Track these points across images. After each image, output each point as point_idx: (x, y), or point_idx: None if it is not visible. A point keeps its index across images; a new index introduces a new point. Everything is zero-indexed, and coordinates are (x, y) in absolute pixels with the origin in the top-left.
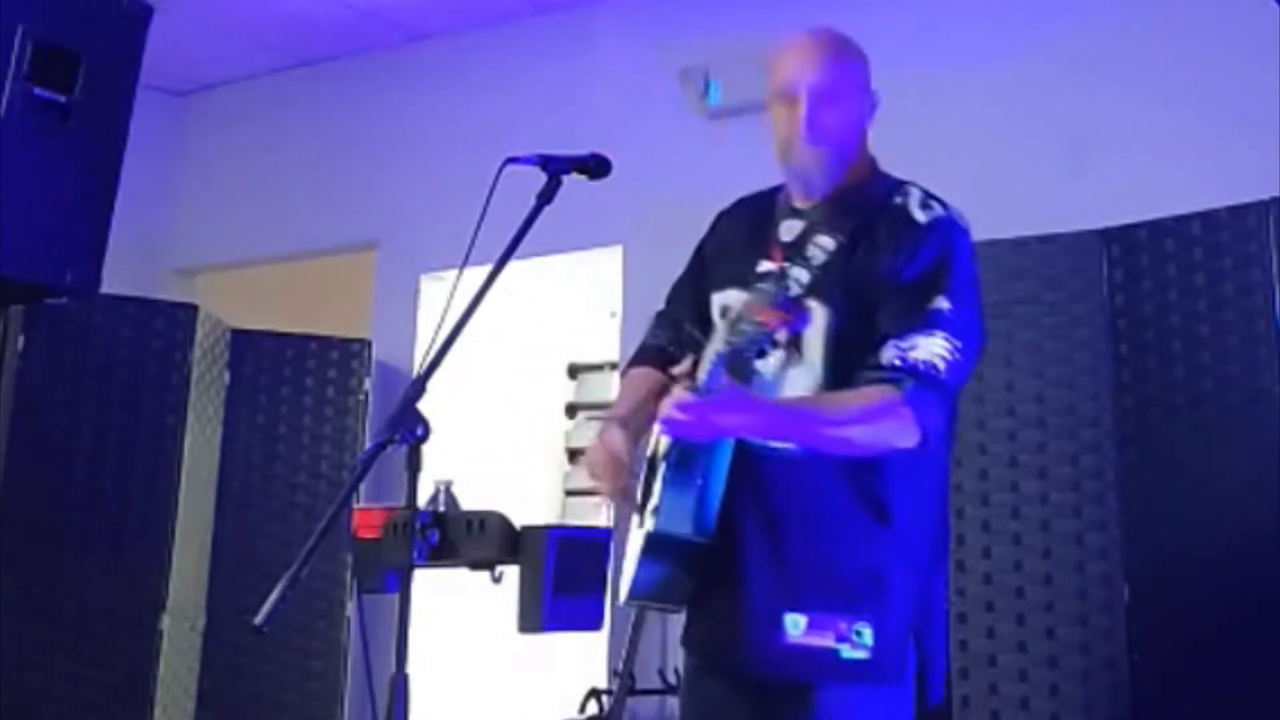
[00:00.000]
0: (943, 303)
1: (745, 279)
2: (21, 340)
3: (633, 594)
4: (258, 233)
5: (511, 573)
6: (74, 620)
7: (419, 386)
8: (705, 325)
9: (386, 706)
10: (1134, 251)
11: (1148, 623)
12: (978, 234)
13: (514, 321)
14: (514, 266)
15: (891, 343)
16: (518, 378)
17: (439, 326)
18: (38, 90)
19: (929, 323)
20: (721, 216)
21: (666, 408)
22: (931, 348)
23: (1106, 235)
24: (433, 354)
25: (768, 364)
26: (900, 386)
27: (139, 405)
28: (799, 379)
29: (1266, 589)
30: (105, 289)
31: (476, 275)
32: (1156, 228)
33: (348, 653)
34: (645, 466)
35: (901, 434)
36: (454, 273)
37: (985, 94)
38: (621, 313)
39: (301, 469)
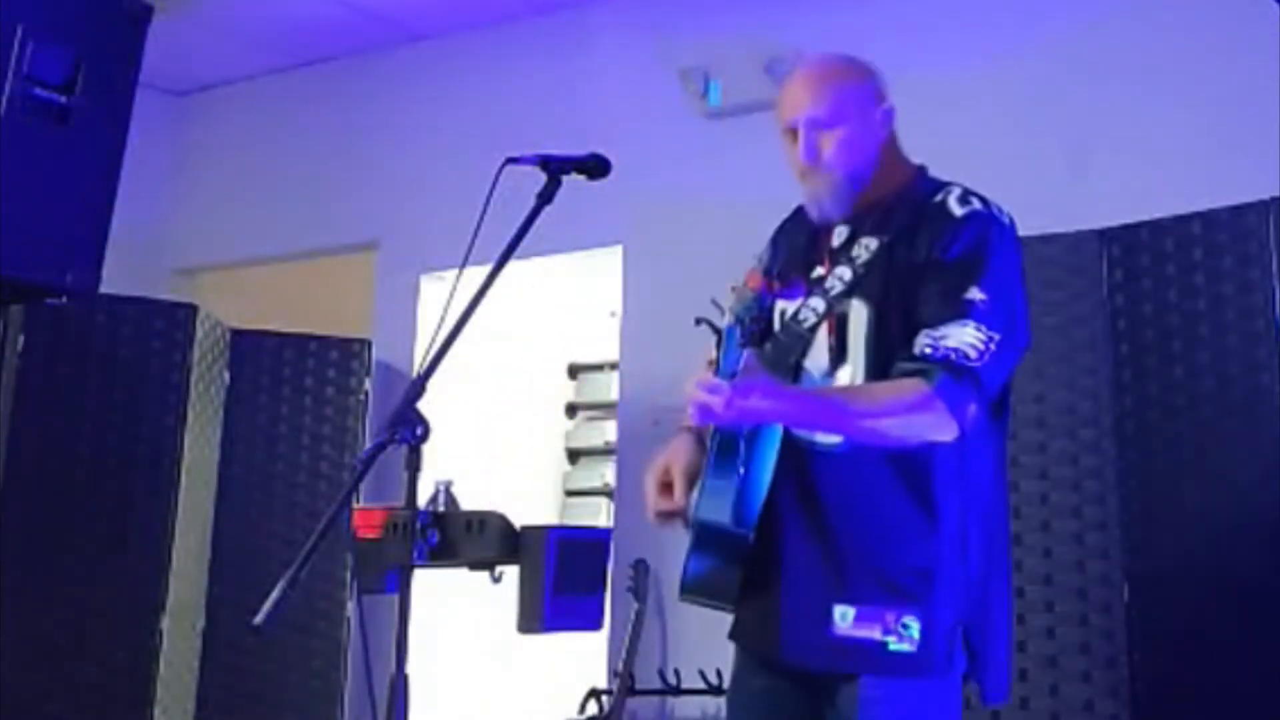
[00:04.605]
0: (976, 293)
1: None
2: (21, 340)
3: (682, 589)
4: (258, 233)
5: (511, 573)
6: (74, 620)
7: (419, 386)
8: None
9: (386, 706)
10: (1134, 251)
11: (1148, 623)
12: None
13: (514, 321)
14: (514, 266)
15: (924, 332)
16: (518, 378)
17: (439, 326)
18: (38, 90)
19: (961, 312)
20: (778, 232)
21: (691, 390)
22: (963, 337)
23: (1106, 235)
24: (433, 354)
25: (816, 363)
26: (930, 377)
27: (139, 405)
28: (844, 378)
29: (1267, 589)
30: (105, 289)
31: (476, 275)
32: (1156, 228)
33: (348, 653)
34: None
35: (934, 427)
36: (454, 273)
37: (985, 94)
38: (621, 313)
39: (301, 469)
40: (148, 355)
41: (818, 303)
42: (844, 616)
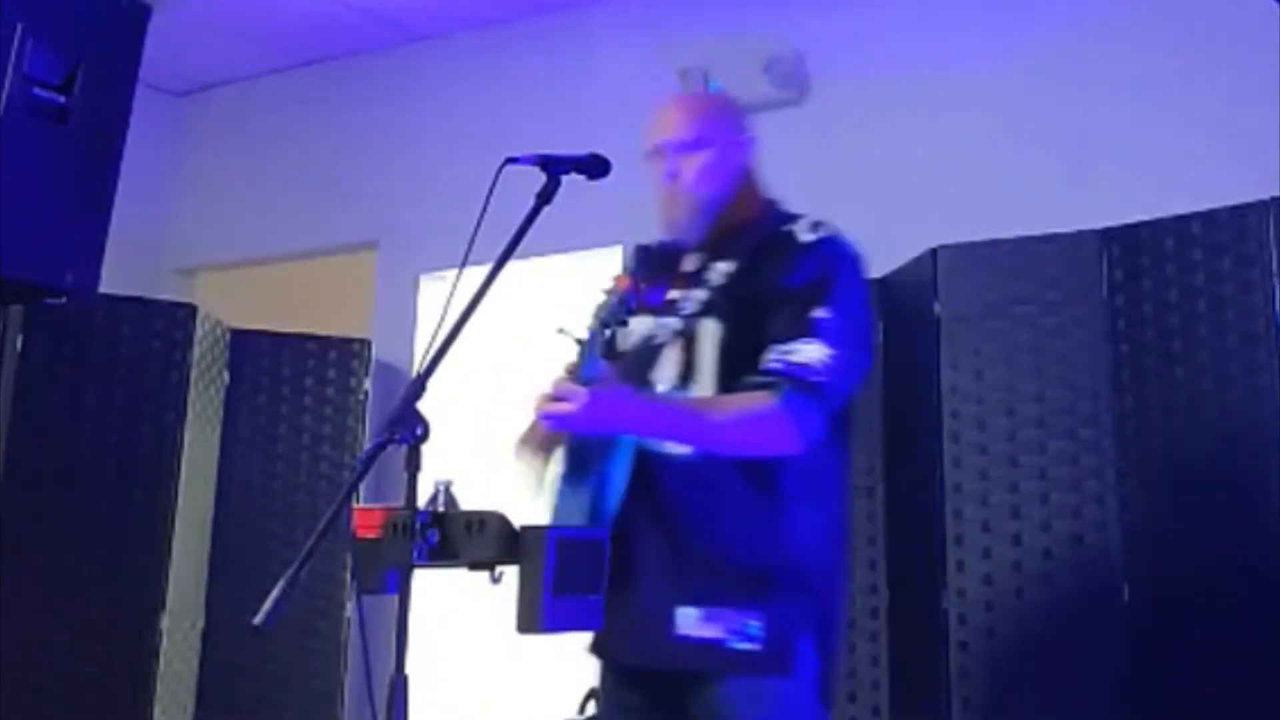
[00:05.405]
0: (823, 312)
1: (653, 307)
2: (21, 340)
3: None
4: (258, 233)
5: (511, 573)
6: (74, 620)
7: (418, 386)
8: None
9: (386, 706)
10: (1134, 251)
11: (1148, 623)
12: (978, 234)
13: (514, 321)
14: (514, 266)
15: (772, 348)
16: (517, 378)
17: (439, 326)
18: (37, 90)
19: (809, 330)
20: (635, 268)
21: (546, 398)
22: (810, 353)
23: (1106, 235)
24: (433, 354)
25: (666, 380)
26: (778, 390)
27: (139, 405)
28: (694, 393)
29: (1266, 589)
30: (105, 289)
31: (476, 275)
32: (1156, 228)
33: (348, 653)
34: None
35: (780, 438)
36: (454, 273)
37: (985, 94)
38: None
39: (301, 469)
40: (148, 355)
41: (671, 321)
42: (687, 617)
